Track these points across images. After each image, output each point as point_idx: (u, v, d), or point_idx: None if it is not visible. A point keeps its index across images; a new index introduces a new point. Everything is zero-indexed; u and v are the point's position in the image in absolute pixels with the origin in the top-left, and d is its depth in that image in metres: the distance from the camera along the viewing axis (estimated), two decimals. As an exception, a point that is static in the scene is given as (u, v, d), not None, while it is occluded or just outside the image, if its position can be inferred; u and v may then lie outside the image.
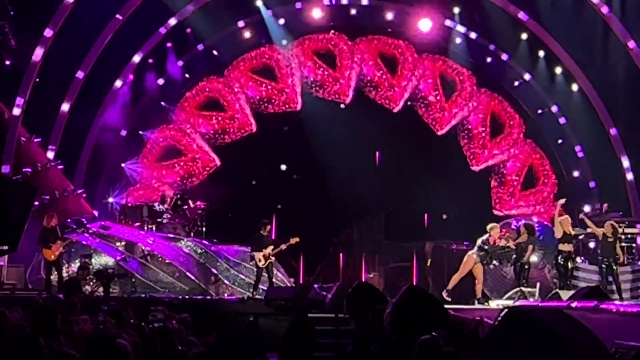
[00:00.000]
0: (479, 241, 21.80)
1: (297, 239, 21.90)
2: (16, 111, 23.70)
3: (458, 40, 28.77)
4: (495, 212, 27.64)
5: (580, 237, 21.81)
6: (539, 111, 29.12)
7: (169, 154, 27.44)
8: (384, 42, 28.12)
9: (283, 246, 21.83)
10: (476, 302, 21.23)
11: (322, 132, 27.18)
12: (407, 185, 27.03)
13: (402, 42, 27.97)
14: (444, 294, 21.13)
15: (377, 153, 28.46)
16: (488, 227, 21.95)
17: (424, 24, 28.22)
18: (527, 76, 28.84)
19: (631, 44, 25.69)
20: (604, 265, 21.04)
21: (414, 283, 23.05)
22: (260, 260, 21.71)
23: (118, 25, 25.66)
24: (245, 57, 27.89)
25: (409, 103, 28.09)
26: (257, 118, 27.74)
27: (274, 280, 21.97)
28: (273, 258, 21.80)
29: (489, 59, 29.05)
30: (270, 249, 21.66)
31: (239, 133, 27.52)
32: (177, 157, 27.27)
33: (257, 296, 20.99)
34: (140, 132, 27.50)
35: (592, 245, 23.64)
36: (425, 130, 28.03)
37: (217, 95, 27.72)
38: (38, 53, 23.93)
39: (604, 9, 25.83)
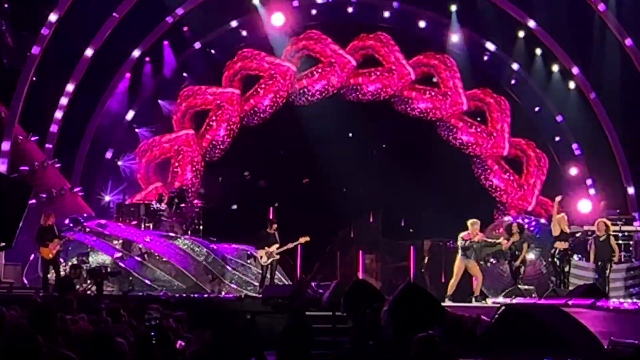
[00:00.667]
0: (459, 241, 21.61)
1: (308, 238, 21.87)
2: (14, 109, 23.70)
3: (455, 38, 28.77)
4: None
5: (577, 234, 21.81)
6: (536, 109, 29.15)
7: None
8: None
9: (290, 245, 21.79)
10: (474, 299, 21.22)
11: (320, 131, 27.21)
12: (404, 184, 27.02)
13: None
14: (447, 300, 21.08)
15: (375, 152, 28.40)
16: (469, 222, 21.79)
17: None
18: (523, 73, 28.84)
19: (628, 41, 25.71)
20: (600, 263, 21.09)
21: (412, 281, 23.02)
22: (261, 258, 21.69)
23: (115, 22, 25.67)
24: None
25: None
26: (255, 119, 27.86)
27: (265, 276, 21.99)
28: (277, 256, 21.77)
29: (485, 57, 29.06)
30: (275, 247, 21.64)
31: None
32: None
33: (252, 294, 20.98)
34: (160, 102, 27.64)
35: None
36: (423, 131, 28.03)
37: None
38: (35, 51, 23.90)
39: (601, 7, 25.85)
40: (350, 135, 27.90)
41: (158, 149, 27.72)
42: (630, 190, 27.10)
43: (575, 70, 27.91)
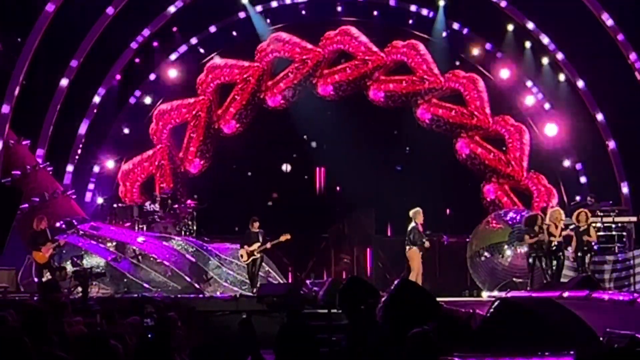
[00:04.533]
0: (415, 234, 21.33)
1: (288, 236, 21.74)
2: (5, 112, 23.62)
3: (444, 34, 28.75)
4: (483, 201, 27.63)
5: (570, 227, 21.85)
6: (528, 100, 29.07)
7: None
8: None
9: (268, 245, 21.70)
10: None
11: (312, 128, 27.22)
12: (397, 180, 27.04)
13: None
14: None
15: (366, 149, 28.38)
16: (411, 212, 21.35)
17: None
18: (513, 66, 28.82)
19: (620, 37, 25.74)
20: (579, 254, 21.17)
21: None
22: (242, 257, 21.67)
23: (105, 24, 25.62)
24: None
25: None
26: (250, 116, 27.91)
27: (260, 275, 21.95)
28: (258, 255, 21.66)
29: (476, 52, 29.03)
30: (255, 245, 21.57)
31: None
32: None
33: (247, 293, 20.97)
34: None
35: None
36: (415, 127, 28.03)
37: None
38: (25, 55, 23.83)
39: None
40: (344, 131, 27.82)
41: (176, 113, 27.95)
42: (625, 189, 27.03)
43: (565, 62, 27.91)
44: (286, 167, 27.72)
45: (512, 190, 28.03)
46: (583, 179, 28.29)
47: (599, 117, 27.46)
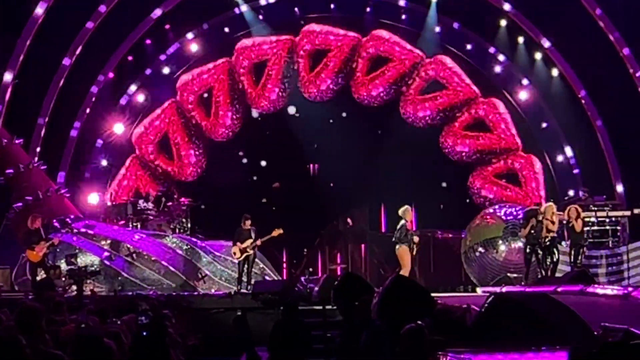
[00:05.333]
0: (401, 232, 21.38)
1: (281, 231, 21.76)
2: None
3: (437, 29, 28.74)
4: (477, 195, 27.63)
5: (565, 222, 21.88)
6: (523, 96, 29.07)
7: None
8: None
9: (258, 242, 21.69)
10: None
11: (307, 127, 27.24)
12: (391, 176, 27.04)
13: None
14: None
15: (361, 145, 28.37)
16: (400, 211, 21.42)
17: None
18: (505, 61, 28.82)
19: (615, 34, 25.79)
20: (572, 249, 21.22)
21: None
22: (235, 254, 21.68)
23: (97, 22, 25.59)
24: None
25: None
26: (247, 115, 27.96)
27: (254, 272, 21.95)
28: (251, 251, 21.66)
29: (469, 46, 29.02)
30: (248, 242, 21.56)
31: None
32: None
33: (242, 290, 20.96)
34: None
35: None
36: (408, 125, 28.03)
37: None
38: (17, 53, 23.80)
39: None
40: (337, 131, 27.81)
41: (197, 82, 27.86)
42: (619, 188, 27.02)
43: (558, 57, 27.90)
44: (276, 186, 27.54)
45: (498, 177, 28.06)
46: (576, 172, 28.25)
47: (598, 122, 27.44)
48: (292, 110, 28.28)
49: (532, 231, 21.17)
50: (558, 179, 28.21)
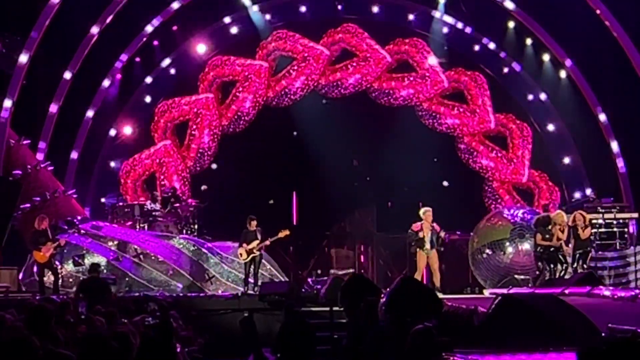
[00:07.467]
0: (427, 234, 21.52)
1: (287, 232, 21.79)
2: (4, 113, 23.59)
3: (445, 29, 28.77)
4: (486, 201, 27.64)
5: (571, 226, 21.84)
6: (529, 97, 29.08)
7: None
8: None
9: (267, 242, 21.70)
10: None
11: (312, 126, 27.25)
12: (398, 177, 27.05)
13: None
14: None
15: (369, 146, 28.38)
16: (421, 212, 21.72)
17: None
18: (515, 64, 28.83)
19: (618, 29, 25.67)
20: (578, 254, 21.13)
21: (408, 274, 23.07)
22: (241, 255, 21.68)
23: (105, 24, 25.60)
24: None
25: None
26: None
27: (261, 273, 21.95)
28: (257, 252, 21.66)
29: (476, 47, 29.04)
30: (254, 243, 21.55)
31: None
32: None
33: (249, 292, 20.97)
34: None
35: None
36: (415, 124, 28.03)
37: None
38: (24, 55, 23.82)
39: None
40: (343, 131, 27.81)
41: (177, 111, 27.78)
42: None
43: (566, 59, 27.87)
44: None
45: (515, 189, 28.10)
46: (583, 175, 28.24)
47: (602, 117, 27.34)
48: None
49: (543, 240, 21.19)
50: (565, 181, 28.24)
